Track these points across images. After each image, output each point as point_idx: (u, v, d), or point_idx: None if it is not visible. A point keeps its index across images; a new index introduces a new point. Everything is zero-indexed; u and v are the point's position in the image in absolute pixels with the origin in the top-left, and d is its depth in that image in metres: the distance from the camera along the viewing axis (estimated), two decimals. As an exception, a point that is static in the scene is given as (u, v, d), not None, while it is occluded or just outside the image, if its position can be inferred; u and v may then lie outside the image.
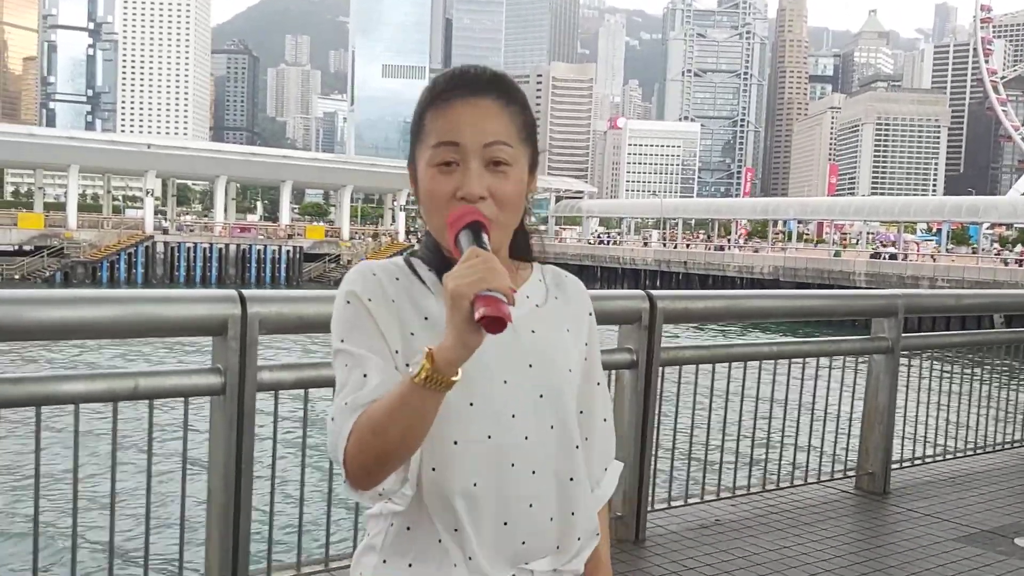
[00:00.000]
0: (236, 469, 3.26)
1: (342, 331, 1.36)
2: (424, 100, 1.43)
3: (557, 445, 1.41)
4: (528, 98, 1.49)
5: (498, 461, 1.36)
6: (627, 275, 58.08)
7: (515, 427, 1.37)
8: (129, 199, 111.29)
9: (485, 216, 1.33)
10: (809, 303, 5.46)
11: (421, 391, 1.20)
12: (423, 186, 1.40)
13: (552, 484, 1.40)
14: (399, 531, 1.39)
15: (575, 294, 1.56)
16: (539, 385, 1.40)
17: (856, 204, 72.75)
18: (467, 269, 1.19)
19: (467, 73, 1.42)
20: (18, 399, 2.91)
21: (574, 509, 1.43)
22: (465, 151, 1.36)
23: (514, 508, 1.37)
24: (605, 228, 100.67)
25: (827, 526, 4.81)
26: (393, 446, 1.25)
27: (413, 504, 1.38)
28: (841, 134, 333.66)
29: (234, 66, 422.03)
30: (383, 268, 1.41)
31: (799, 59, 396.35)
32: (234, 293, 3.24)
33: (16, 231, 54.59)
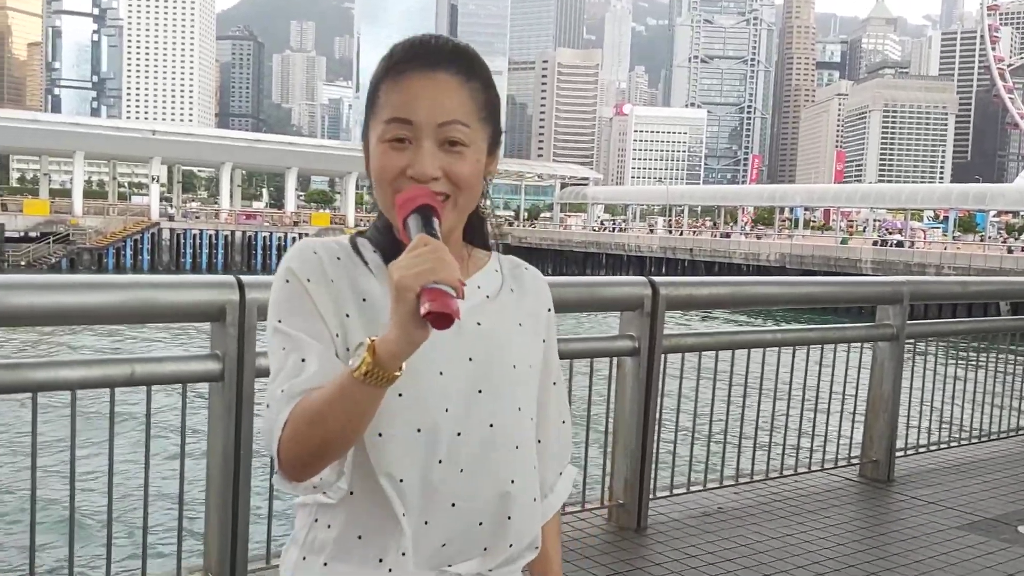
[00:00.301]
0: (235, 455, 3.24)
1: (279, 311, 1.29)
2: (380, 70, 1.33)
3: (494, 445, 1.32)
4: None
5: (425, 456, 1.27)
6: (632, 262, 57.99)
7: (448, 421, 1.28)
8: (135, 186, 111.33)
9: (436, 198, 1.26)
10: (814, 290, 5.42)
11: (360, 385, 1.13)
12: (374, 162, 1.32)
13: (485, 486, 1.31)
14: (320, 527, 1.32)
15: (533, 288, 1.46)
16: (478, 380, 1.31)
17: (863, 191, 72.57)
18: (414, 259, 1.11)
19: (427, 44, 1.32)
20: (15, 385, 2.89)
21: (510, 513, 1.33)
22: (418, 129, 1.28)
23: (435, 506, 1.28)
24: (610, 215, 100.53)
25: (830, 514, 4.78)
26: (330, 438, 1.17)
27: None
28: (848, 121, 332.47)
29: (239, 52, 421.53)
30: (325, 247, 1.33)
31: (806, 45, 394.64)
32: (232, 279, 3.21)
33: (22, 217, 54.68)
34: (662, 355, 4.35)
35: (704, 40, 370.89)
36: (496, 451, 1.32)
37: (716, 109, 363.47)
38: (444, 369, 1.29)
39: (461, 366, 1.31)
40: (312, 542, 1.33)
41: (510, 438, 1.33)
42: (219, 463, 3.26)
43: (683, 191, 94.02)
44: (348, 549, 1.30)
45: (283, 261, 1.32)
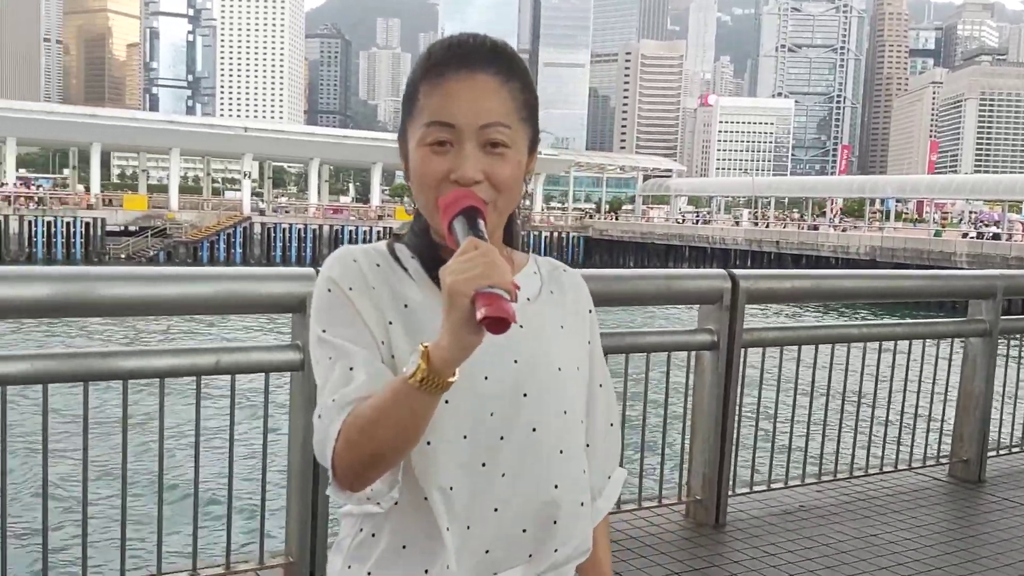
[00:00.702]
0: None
1: (324, 320, 1.28)
2: (418, 71, 1.31)
3: (536, 449, 1.29)
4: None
5: (470, 462, 1.26)
6: (716, 255, 57.06)
7: (491, 426, 1.26)
8: (227, 181, 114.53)
9: (481, 200, 1.24)
10: (902, 283, 5.25)
11: (415, 392, 1.11)
12: (414, 166, 1.30)
13: (528, 491, 1.29)
14: (365, 537, 1.30)
15: (573, 289, 1.45)
16: (523, 383, 1.29)
17: (958, 182, 69.86)
18: (466, 263, 1.09)
19: (465, 44, 1.30)
20: (107, 373, 3.01)
21: (556, 518, 1.31)
22: (460, 132, 1.26)
23: (478, 512, 1.26)
24: (694, 207, 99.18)
25: (917, 514, 4.64)
26: (385, 448, 1.16)
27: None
28: (943, 110, 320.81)
29: (327, 50, 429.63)
30: (365, 254, 1.32)
31: (899, 32, 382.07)
32: (311, 271, 3.28)
33: (122, 212, 56.77)
34: (742, 349, 4.28)
35: (792, 28, 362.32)
36: (538, 455, 1.30)
37: (804, 99, 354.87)
38: (489, 373, 1.27)
39: (506, 370, 1.28)
40: (357, 551, 1.31)
41: (554, 442, 1.31)
42: (299, 451, 3.34)
43: (769, 182, 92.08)
44: (393, 559, 1.28)
45: (323, 270, 1.31)
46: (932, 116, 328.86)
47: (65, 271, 3.01)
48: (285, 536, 3.45)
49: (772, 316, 22.94)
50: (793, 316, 26.13)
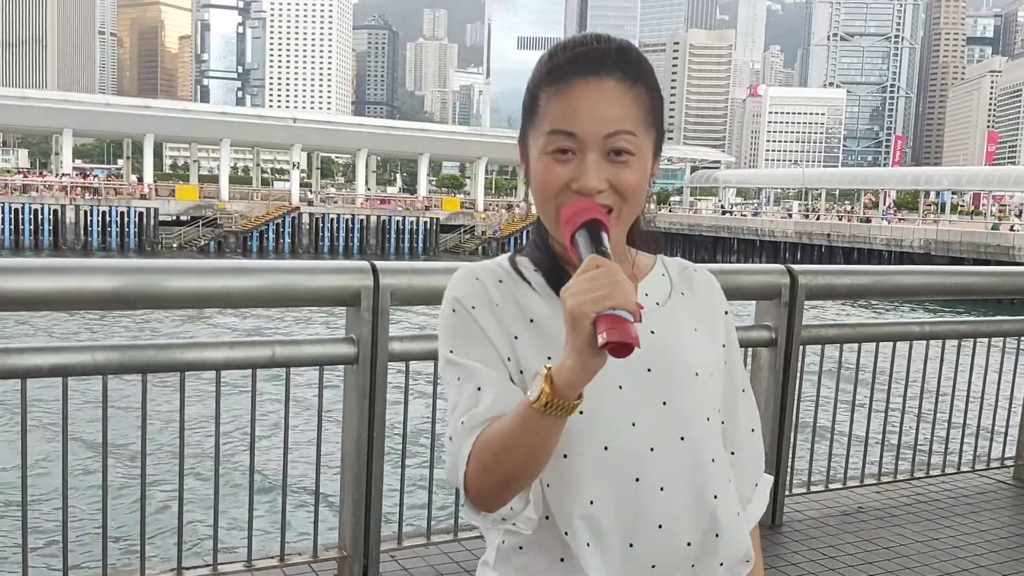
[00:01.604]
0: (368, 437, 3.31)
1: (450, 341, 1.26)
2: (540, 74, 1.28)
3: (690, 459, 1.26)
4: (656, 70, 1.32)
5: (618, 475, 1.22)
6: (766, 248, 56.38)
7: (636, 437, 1.23)
8: (276, 172, 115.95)
9: (603, 211, 1.21)
10: (965, 280, 5.10)
11: (540, 416, 1.09)
12: (535, 174, 1.27)
13: (689, 503, 1.26)
14: (511, 549, 1.28)
15: (705, 290, 1.39)
16: (660, 391, 1.26)
17: (1017, 174, 68.12)
18: (588, 283, 1.06)
19: (588, 46, 1.26)
20: (164, 364, 3.04)
21: (718, 531, 1.28)
22: (583, 142, 1.22)
23: (641, 528, 1.23)
24: (743, 199, 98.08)
25: (981, 518, 4.51)
26: (516, 470, 1.14)
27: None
28: (1001, 100, 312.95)
29: (375, 41, 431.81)
30: (486, 271, 1.31)
31: (956, 20, 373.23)
32: (366, 264, 3.27)
33: (174, 202, 57.74)
34: (800, 346, 4.19)
35: (844, 17, 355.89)
36: (694, 465, 1.27)
37: (856, 88, 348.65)
38: (623, 383, 1.23)
39: (641, 378, 1.25)
40: (508, 562, 1.29)
41: (705, 450, 1.28)
42: (353, 445, 3.34)
43: (820, 174, 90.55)
44: (549, 570, 1.25)
45: (447, 290, 1.30)
46: (990, 106, 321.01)
47: (127, 264, 3.04)
48: (339, 529, 3.45)
49: (817, 312, 22.58)
50: (842, 312, 25.71)
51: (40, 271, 2.89)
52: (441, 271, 3.51)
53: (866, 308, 28.71)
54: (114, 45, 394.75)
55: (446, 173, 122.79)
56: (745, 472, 1.40)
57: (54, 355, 2.89)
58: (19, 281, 2.82)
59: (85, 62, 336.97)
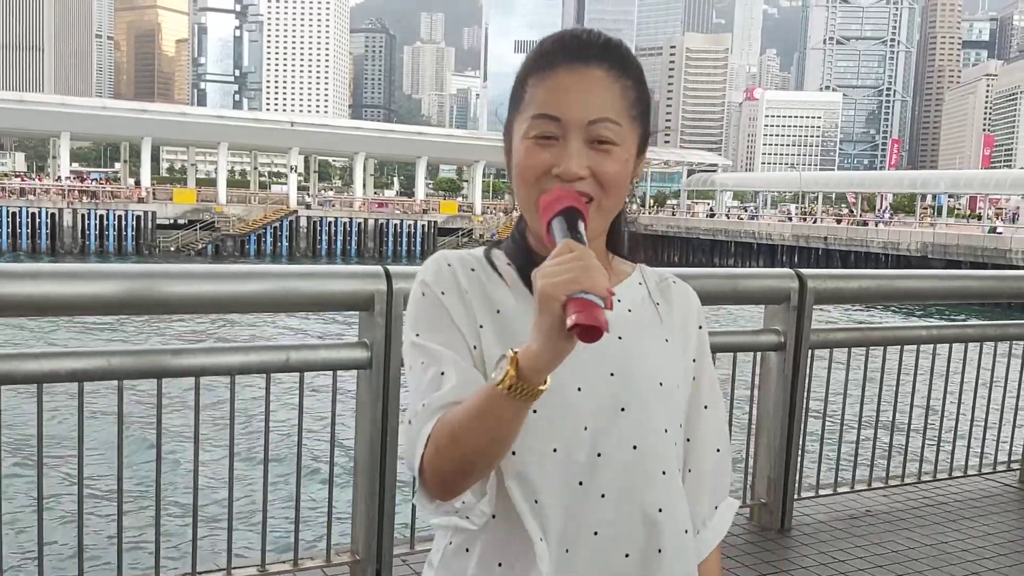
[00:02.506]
0: (381, 440, 3.32)
1: (416, 324, 1.25)
2: (528, 63, 1.27)
3: (639, 469, 1.22)
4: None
5: (564, 479, 1.19)
6: (763, 251, 56.44)
7: (587, 442, 1.20)
8: (274, 175, 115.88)
9: (582, 200, 1.19)
10: (973, 284, 5.12)
11: (504, 399, 1.05)
12: (516, 159, 1.24)
13: (632, 514, 1.22)
14: (457, 550, 1.25)
15: (682, 303, 1.37)
16: (620, 398, 1.22)
17: (1014, 177, 68.26)
18: (559, 266, 1.03)
19: (577, 37, 1.25)
20: (180, 370, 3.04)
21: (661, 546, 1.23)
22: (566, 127, 1.21)
23: (577, 535, 1.20)
24: (739, 202, 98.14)
25: (989, 521, 4.52)
26: (474, 455, 1.11)
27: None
28: (997, 103, 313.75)
29: (372, 45, 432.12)
30: (459, 258, 1.29)
31: (951, 23, 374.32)
32: (380, 269, 3.28)
33: (171, 205, 57.64)
34: (809, 350, 4.20)
35: (840, 21, 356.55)
36: (642, 476, 1.23)
37: (852, 92, 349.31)
38: (583, 385, 1.21)
39: (602, 382, 1.22)
40: (448, 567, 1.26)
41: (657, 461, 1.24)
42: (366, 449, 3.34)
43: (816, 177, 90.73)
44: (487, 574, 1.22)
45: (418, 274, 1.28)
46: (986, 109, 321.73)
47: (138, 269, 3.04)
48: (351, 534, 3.46)
49: (824, 314, 22.61)
50: (845, 315, 25.73)
51: (51, 276, 2.89)
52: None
53: (863, 311, 28.75)
54: (111, 48, 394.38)
55: (443, 176, 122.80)
56: (701, 491, 1.36)
57: (71, 360, 2.89)
58: (31, 286, 2.82)
59: (82, 65, 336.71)
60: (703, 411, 1.36)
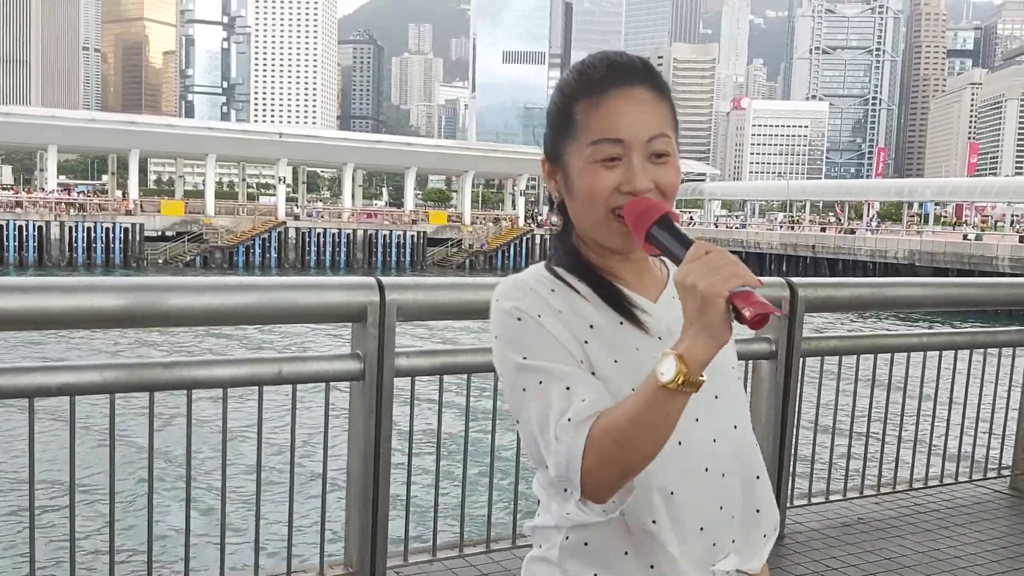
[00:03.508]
0: (375, 453, 3.31)
1: (521, 348, 1.29)
2: (572, 90, 1.36)
3: (741, 444, 1.39)
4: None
5: (690, 467, 1.32)
6: (751, 259, 56.64)
7: (701, 431, 1.33)
8: (262, 186, 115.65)
9: (665, 206, 1.31)
10: (963, 291, 5.14)
11: (671, 394, 1.14)
12: (582, 183, 1.34)
13: (742, 485, 1.38)
14: (576, 545, 1.33)
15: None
16: (712, 386, 1.31)
17: (1000, 185, 68.73)
18: (708, 266, 1.13)
19: (618, 61, 1.36)
20: (172, 383, 3.03)
21: (759, 506, 1.40)
22: (629, 147, 1.32)
23: (709, 512, 1.34)
24: (727, 211, 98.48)
25: (980, 528, 4.54)
26: (640, 455, 1.19)
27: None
28: (982, 111, 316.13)
29: (360, 56, 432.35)
30: (536, 280, 1.36)
31: (936, 33, 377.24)
32: (372, 280, 3.28)
33: (159, 217, 57.43)
34: (800, 358, 4.21)
35: (826, 31, 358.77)
36: (745, 450, 1.39)
37: (839, 101, 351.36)
38: None
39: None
40: (571, 559, 1.33)
41: (750, 435, 1.42)
42: (359, 461, 3.33)
43: (804, 186, 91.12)
44: (613, 564, 1.31)
45: (502, 301, 1.33)
46: (971, 118, 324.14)
47: (132, 282, 3.03)
48: (345, 546, 3.44)
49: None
50: (835, 324, 25.81)
51: (43, 290, 2.88)
52: (447, 287, 3.52)
53: (845, 321, 28.86)
54: (98, 61, 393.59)
55: (432, 187, 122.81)
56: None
57: (62, 374, 2.88)
58: (22, 300, 2.81)
59: (69, 78, 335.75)
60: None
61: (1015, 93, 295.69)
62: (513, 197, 75.18)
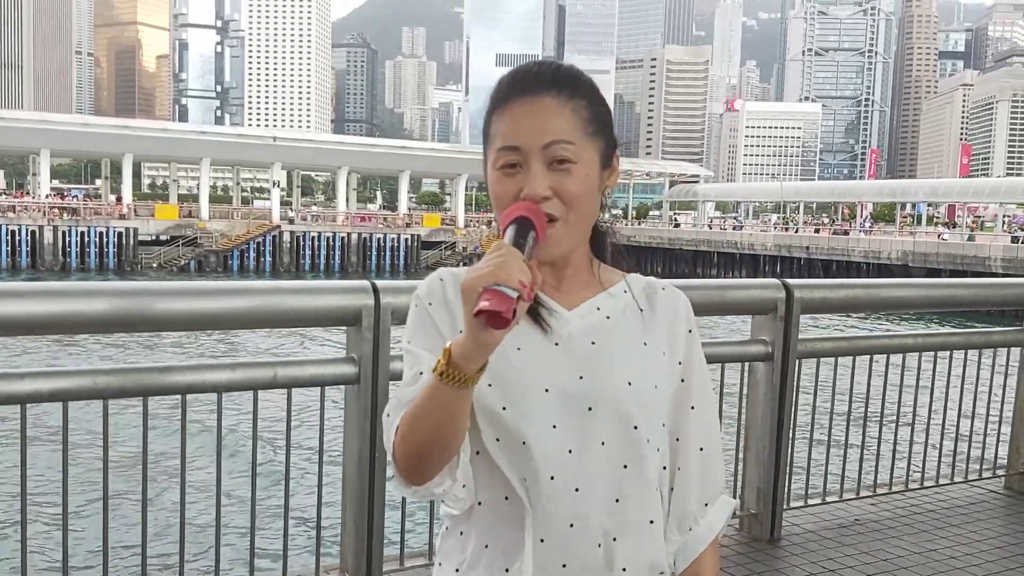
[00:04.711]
0: (370, 457, 3.29)
1: (408, 333, 1.38)
2: (489, 102, 1.41)
3: (607, 464, 1.32)
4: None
5: (535, 470, 1.30)
6: (745, 260, 56.72)
7: (555, 438, 1.30)
8: (257, 190, 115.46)
9: (540, 212, 1.29)
10: (958, 292, 5.14)
11: (441, 386, 1.18)
12: (491, 190, 1.38)
13: (600, 506, 1.32)
14: (452, 534, 1.38)
15: (668, 308, 1.44)
16: (588, 398, 1.32)
17: (992, 185, 68.90)
18: (482, 263, 1.16)
19: (528, 72, 1.39)
20: (165, 387, 3.01)
21: (616, 535, 1.32)
22: (525, 153, 1.33)
23: (552, 525, 1.30)
24: (721, 212, 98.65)
25: (976, 528, 4.54)
26: (427, 441, 1.22)
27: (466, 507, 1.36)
28: (974, 112, 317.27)
29: (354, 60, 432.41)
30: (451, 274, 1.40)
31: (928, 35, 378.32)
32: (367, 284, 3.27)
33: (153, 222, 57.30)
34: (797, 360, 4.21)
35: (819, 32, 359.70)
36: (610, 470, 1.32)
37: (831, 103, 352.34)
38: (550, 386, 1.32)
39: (570, 383, 1.32)
40: (448, 550, 1.39)
41: (622, 457, 1.33)
42: (354, 464, 3.32)
43: (798, 187, 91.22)
44: (477, 557, 1.34)
45: (415, 290, 1.40)
46: (963, 119, 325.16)
47: (124, 287, 3.01)
48: (340, 550, 3.43)
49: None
50: (827, 325, 25.84)
51: (36, 295, 2.86)
52: (441, 290, 3.51)
53: (835, 320, 28.90)
54: (91, 65, 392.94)
55: (426, 190, 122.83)
56: (688, 490, 1.42)
57: (54, 379, 2.86)
58: (16, 305, 2.80)
59: (62, 82, 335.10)
60: (690, 411, 1.43)
61: (1006, 95, 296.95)
62: (507, 200, 74.95)
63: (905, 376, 4.81)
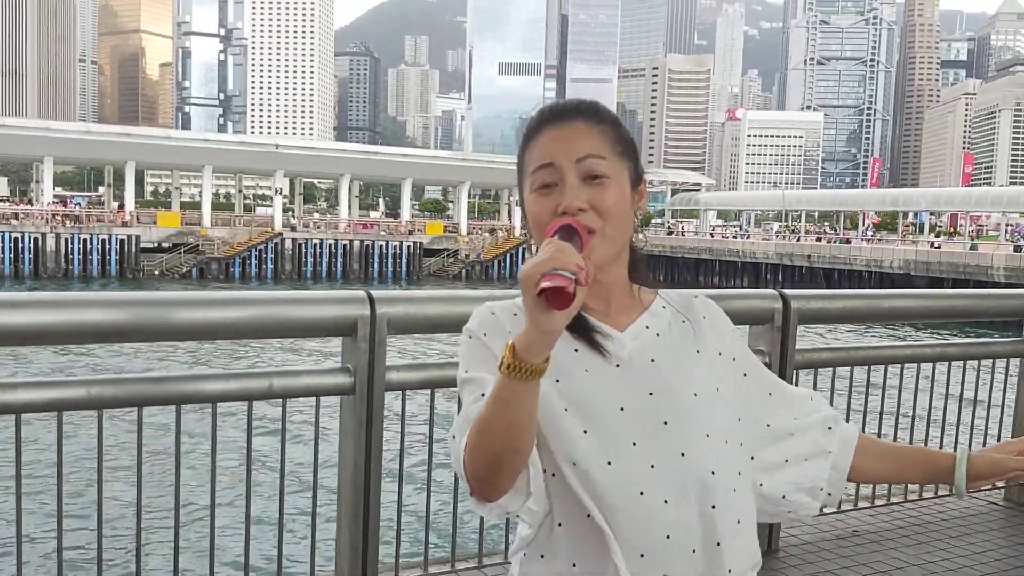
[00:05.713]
0: (365, 467, 3.29)
1: (465, 364, 1.41)
2: (522, 140, 1.47)
3: (690, 473, 1.37)
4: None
5: (622, 489, 1.34)
6: (747, 269, 56.67)
7: (637, 454, 1.35)
8: (259, 198, 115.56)
9: (583, 226, 1.34)
10: (957, 303, 5.13)
11: (510, 382, 1.19)
12: (530, 213, 1.43)
13: (692, 513, 1.36)
14: (533, 559, 1.40)
15: (707, 314, 1.53)
16: (662, 412, 1.38)
17: (994, 194, 68.83)
18: (537, 255, 1.19)
19: (555, 105, 1.47)
20: (160, 397, 3.01)
21: (719, 539, 1.37)
22: (560, 169, 1.39)
23: (650, 539, 1.34)
24: (723, 221, 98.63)
25: (975, 539, 4.52)
26: (498, 444, 1.23)
27: (544, 532, 1.38)
28: (976, 121, 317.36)
29: (356, 68, 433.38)
30: (502, 307, 1.45)
31: (930, 44, 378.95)
32: (363, 294, 3.26)
33: (156, 229, 57.34)
34: (795, 371, 4.20)
35: (820, 42, 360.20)
36: (694, 479, 1.37)
37: (833, 112, 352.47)
38: (625, 405, 1.37)
39: (641, 400, 1.38)
40: (527, 571, 1.41)
41: (705, 464, 1.38)
42: (349, 475, 3.31)
43: (800, 196, 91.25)
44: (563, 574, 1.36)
45: (466, 325, 1.45)
46: (965, 128, 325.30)
47: (124, 297, 3.01)
48: (335, 560, 3.42)
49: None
50: (827, 334, 25.77)
51: (38, 305, 2.86)
52: (437, 300, 3.51)
53: (857, 329, 28.83)
54: (95, 73, 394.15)
55: (429, 197, 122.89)
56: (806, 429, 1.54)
57: (49, 390, 2.86)
58: (17, 315, 2.79)
59: (65, 90, 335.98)
60: (769, 397, 1.54)
61: (1009, 103, 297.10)
62: (509, 207, 75.23)
63: (904, 386, 4.79)
